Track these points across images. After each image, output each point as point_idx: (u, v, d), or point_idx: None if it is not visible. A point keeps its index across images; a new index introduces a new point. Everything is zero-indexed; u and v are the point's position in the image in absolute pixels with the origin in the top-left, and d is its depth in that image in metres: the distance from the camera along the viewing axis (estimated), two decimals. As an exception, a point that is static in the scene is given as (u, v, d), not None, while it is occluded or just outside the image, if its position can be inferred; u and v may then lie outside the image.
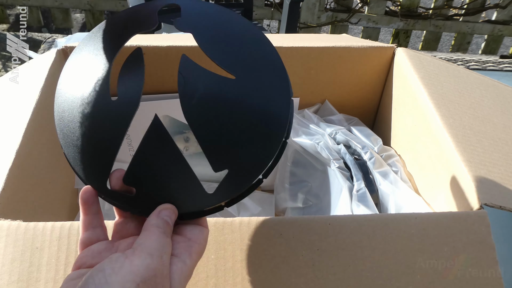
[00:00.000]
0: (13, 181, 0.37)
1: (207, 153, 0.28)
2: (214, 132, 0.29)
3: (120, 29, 0.32)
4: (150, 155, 0.29)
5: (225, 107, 0.29)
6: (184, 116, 0.29)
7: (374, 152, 0.51)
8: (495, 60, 1.02)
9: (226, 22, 0.33)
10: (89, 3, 2.06)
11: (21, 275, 0.29)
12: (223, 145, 0.28)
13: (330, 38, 0.71)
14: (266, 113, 0.29)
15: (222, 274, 0.30)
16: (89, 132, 0.29)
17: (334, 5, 2.12)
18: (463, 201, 0.36)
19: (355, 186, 0.47)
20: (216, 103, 0.29)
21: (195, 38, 0.31)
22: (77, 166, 0.29)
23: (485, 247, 0.31)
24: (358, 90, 0.61)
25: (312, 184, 0.59)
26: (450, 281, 0.30)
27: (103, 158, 0.29)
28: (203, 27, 0.32)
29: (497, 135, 0.43)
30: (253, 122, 0.29)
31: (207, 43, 0.31)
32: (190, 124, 0.29)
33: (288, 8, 1.42)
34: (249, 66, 0.31)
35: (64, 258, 0.29)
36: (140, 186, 0.28)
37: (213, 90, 0.29)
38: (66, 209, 0.50)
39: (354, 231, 0.32)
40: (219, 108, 0.29)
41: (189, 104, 0.29)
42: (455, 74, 0.52)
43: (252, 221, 0.32)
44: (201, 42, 0.31)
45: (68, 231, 0.30)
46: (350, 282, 0.30)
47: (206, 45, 0.31)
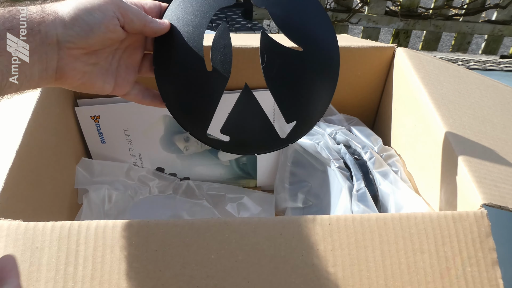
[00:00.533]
0: (13, 181, 0.37)
1: (283, 110, 0.39)
2: (287, 94, 0.38)
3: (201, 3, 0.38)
4: (240, 112, 0.39)
5: (294, 75, 0.38)
6: (266, 84, 0.37)
7: (374, 152, 0.51)
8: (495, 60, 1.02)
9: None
10: (89, 3, 2.06)
11: (21, 275, 0.29)
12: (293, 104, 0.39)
13: (330, 38, 0.71)
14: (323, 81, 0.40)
15: (222, 274, 0.30)
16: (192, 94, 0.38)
17: (334, 5, 2.12)
18: (463, 201, 0.36)
19: (355, 186, 0.47)
20: (288, 73, 0.38)
21: (270, 13, 0.38)
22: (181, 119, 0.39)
23: (485, 247, 0.31)
24: (358, 90, 0.61)
25: (312, 184, 0.59)
26: (450, 281, 0.30)
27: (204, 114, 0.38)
28: (274, 3, 0.39)
29: (497, 135, 0.43)
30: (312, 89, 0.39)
31: (279, 19, 0.38)
32: (271, 90, 0.37)
33: (288, 8, 1.42)
34: (311, 38, 0.39)
35: (64, 258, 0.30)
36: (233, 135, 0.39)
37: (286, 61, 0.38)
38: (66, 209, 0.50)
39: (354, 231, 0.32)
40: (290, 76, 0.38)
41: (269, 75, 0.37)
42: (455, 74, 0.52)
43: (252, 221, 0.32)
44: (275, 17, 0.38)
45: (68, 231, 0.30)
46: (350, 282, 0.30)
47: (278, 20, 0.38)
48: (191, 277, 0.30)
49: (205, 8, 0.38)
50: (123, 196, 0.54)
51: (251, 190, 0.59)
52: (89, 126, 0.54)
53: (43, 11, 0.29)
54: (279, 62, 0.38)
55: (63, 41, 0.29)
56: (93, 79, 0.33)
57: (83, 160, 0.54)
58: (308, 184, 0.59)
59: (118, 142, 0.56)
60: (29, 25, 0.27)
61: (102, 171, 0.55)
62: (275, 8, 0.38)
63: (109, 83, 0.35)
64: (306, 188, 0.59)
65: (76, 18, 0.30)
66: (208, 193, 0.58)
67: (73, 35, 0.30)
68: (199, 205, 0.56)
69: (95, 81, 0.34)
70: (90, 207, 0.51)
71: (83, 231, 0.30)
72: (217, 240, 0.31)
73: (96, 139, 0.55)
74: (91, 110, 0.53)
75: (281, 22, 0.38)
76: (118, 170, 0.56)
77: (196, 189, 0.58)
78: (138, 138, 0.56)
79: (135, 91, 0.38)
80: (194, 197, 0.57)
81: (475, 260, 0.31)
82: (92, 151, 0.57)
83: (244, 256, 0.30)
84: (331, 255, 0.31)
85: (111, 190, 0.54)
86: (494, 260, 0.31)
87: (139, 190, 0.56)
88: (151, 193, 0.57)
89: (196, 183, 0.58)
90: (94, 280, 0.29)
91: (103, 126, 0.54)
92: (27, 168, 0.40)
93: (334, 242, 0.31)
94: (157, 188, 0.57)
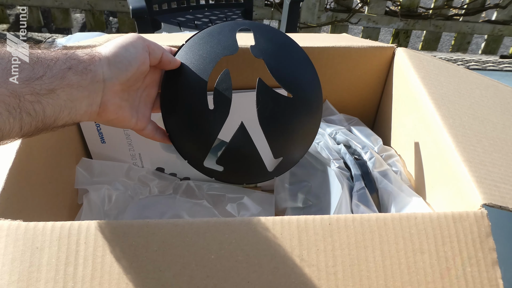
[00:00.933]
0: (13, 181, 0.37)
1: (271, 147, 0.43)
2: (276, 134, 0.43)
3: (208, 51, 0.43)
4: (235, 147, 0.43)
5: (283, 117, 0.43)
6: (259, 124, 0.42)
7: (374, 152, 0.51)
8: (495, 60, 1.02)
9: (285, 47, 0.45)
10: (89, 3, 2.06)
11: (21, 275, 0.29)
12: (281, 143, 0.44)
13: (330, 38, 0.71)
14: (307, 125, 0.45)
15: (222, 274, 0.30)
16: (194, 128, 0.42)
17: (334, 5, 2.12)
18: (463, 201, 0.36)
19: (355, 186, 0.47)
20: (279, 115, 0.43)
21: (266, 64, 0.43)
22: (181, 150, 0.43)
23: (485, 247, 0.31)
24: (358, 90, 0.61)
25: (312, 184, 0.59)
26: (450, 281, 0.30)
27: (203, 147, 0.42)
28: (270, 54, 0.44)
29: (497, 135, 0.43)
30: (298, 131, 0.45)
31: (274, 69, 0.43)
32: (263, 129, 0.42)
33: (288, 8, 1.42)
34: (300, 86, 0.44)
35: (64, 258, 0.29)
36: (227, 166, 0.44)
37: (277, 105, 0.42)
38: (66, 209, 0.50)
39: (354, 231, 0.32)
40: (280, 118, 0.43)
41: (262, 115, 0.42)
42: (455, 74, 0.52)
43: (252, 221, 0.32)
44: (270, 67, 0.43)
45: (68, 231, 0.30)
46: (350, 282, 0.30)
47: (273, 70, 0.43)
48: (191, 277, 0.30)
49: (212, 55, 0.42)
50: (123, 196, 0.54)
51: (251, 190, 0.59)
52: (89, 126, 0.54)
53: (92, 53, 0.33)
54: (271, 105, 0.42)
55: (107, 78, 0.34)
56: (125, 113, 0.38)
57: (83, 160, 0.54)
58: (308, 184, 0.59)
59: (118, 142, 0.56)
60: (83, 65, 0.32)
61: (102, 171, 0.55)
62: (271, 59, 0.43)
63: (134, 117, 0.39)
64: (306, 188, 0.59)
65: (117, 55, 0.34)
66: (208, 193, 0.58)
67: (116, 71, 0.34)
68: (199, 205, 0.56)
69: (126, 116, 0.38)
70: (90, 207, 0.51)
71: (83, 231, 0.30)
72: (217, 240, 0.31)
73: (96, 139, 0.55)
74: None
75: (275, 72, 0.43)
76: (118, 170, 0.56)
77: (196, 189, 0.58)
78: (138, 138, 0.56)
79: (150, 127, 0.42)
80: (194, 197, 0.57)
81: (475, 260, 0.31)
82: (92, 151, 0.57)
83: (244, 256, 0.30)
84: (331, 255, 0.31)
85: (111, 190, 0.54)
86: (494, 260, 0.31)
87: (139, 190, 0.56)
88: (151, 193, 0.57)
89: (196, 183, 0.58)
90: (94, 280, 0.29)
91: (103, 126, 0.54)
92: (27, 168, 0.40)
93: (334, 242, 0.31)
94: (157, 188, 0.57)
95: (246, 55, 0.51)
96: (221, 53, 0.42)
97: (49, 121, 0.30)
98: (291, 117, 0.43)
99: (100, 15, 2.13)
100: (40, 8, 2.10)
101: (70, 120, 0.32)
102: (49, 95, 0.29)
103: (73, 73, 0.31)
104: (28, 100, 0.28)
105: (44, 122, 0.29)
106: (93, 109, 0.34)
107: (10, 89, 0.27)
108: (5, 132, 0.27)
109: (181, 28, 1.50)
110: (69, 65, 0.31)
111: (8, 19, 2.20)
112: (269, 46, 0.44)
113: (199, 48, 0.43)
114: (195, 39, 0.44)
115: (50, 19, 2.20)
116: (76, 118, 0.32)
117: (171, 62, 0.40)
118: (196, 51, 0.43)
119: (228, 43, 0.43)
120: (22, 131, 0.28)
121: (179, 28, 1.50)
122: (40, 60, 0.29)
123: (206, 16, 1.62)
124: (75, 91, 0.31)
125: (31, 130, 0.29)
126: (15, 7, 2.31)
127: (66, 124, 0.32)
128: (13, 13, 2.30)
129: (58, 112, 0.30)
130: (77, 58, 0.32)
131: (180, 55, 0.43)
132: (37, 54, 0.29)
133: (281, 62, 0.44)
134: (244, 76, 0.53)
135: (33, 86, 0.28)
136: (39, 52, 0.30)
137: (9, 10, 2.28)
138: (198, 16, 1.61)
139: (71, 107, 0.31)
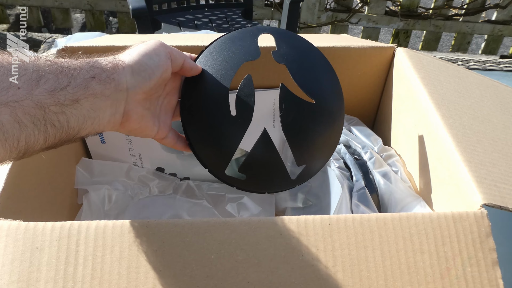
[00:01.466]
0: (13, 181, 0.37)
1: (295, 154, 0.42)
2: (299, 140, 0.42)
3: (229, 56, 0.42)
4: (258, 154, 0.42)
5: (306, 123, 0.42)
6: (283, 133, 0.41)
7: (374, 152, 0.51)
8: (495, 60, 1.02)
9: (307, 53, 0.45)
10: (89, 3, 2.06)
11: (21, 275, 0.29)
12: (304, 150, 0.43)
13: (330, 38, 0.71)
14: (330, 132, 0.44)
15: (222, 274, 0.30)
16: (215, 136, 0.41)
17: (334, 5, 2.12)
18: (463, 201, 0.36)
19: (355, 186, 0.47)
20: (302, 121, 0.42)
21: (288, 70, 0.42)
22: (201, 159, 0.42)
23: (485, 248, 0.31)
24: (358, 90, 0.61)
25: (312, 184, 0.59)
26: (450, 281, 0.30)
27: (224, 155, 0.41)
28: (292, 60, 0.43)
29: (497, 135, 0.43)
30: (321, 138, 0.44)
31: (296, 74, 0.42)
32: (286, 136, 0.41)
33: (288, 8, 1.42)
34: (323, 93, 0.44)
35: (64, 258, 0.29)
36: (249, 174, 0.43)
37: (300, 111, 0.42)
38: (66, 209, 0.50)
39: (354, 231, 0.32)
40: (303, 125, 0.42)
41: (285, 122, 0.41)
42: (455, 74, 0.52)
43: (252, 221, 0.32)
44: (293, 73, 0.42)
45: (68, 231, 0.30)
46: (350, 282, 0.30)
47: (296, 76, 0.42)
48: (191, 277, 0.29)
49: (233, 60, 0.42)
50: (123, 196, 0.54)
51: (251, 190, 0.59)
52: (89, 126, 0.54)
53: (115, 61, 0.33)
54: (294, 112, 0.42)
55: (131, 87, 0.33)
56: (147, 123, 0.37)
57: (83, 160, 0.54)
58: (308, 184, 0.59)
59: (118, 142, 0.56)
60: (106, 73, 0.31)
61: (102, 171, 0.55)
62: (293, 64, 0.43)
63: (156, 126, 0.38)
64: (306, 188, 0.59)
65: (141, 63, 0.34)
66: (208, 193, 0.58)
67: (139, 80, 0.34)
68: (199, 205, 0.56)
69: (149, 125, 0.37)
70: (90, 207, 0.51)
71: (83, 231, 0.30)
72: (217, 240, 0.31)
73: (96, 139, 0.55)
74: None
75: (298, 77, 0.42)
76: (118, 170, 0.56)
77: (196, 189, 0.58)
78: (138, 138, 0.56)
79: (171, 135, 0.41)
80: (194, 197, 0.57)
81: (475, 260, 0.31)
82: (92, 151, 0.57)
83: (244, 256, 0.30)
84: (331, 255, 0.31)
85: (111, 190, 0.53)
86: (494, 260, 0.31)
87: (139, 190, 0.56)
88: (151, 193, 0.57)
89: (196, 183, 0.58)
90: (94, 280, 0.29)
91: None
92: (27, 168, 0.40)
93: (334, 242, 0.31)
94: (157, 188, 0.57)
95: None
96: (243, 59, 0.42)
97: (72, 132, 0.29)
98: (314, 124, 0.43)
99: (100, 15, 2.13)
100: (40, 8, 2.10)
101: (93, 130, 0.31)
102: (73, 105, 0.29)
103: (97, 82, 0.30)
104: (53, 111, 0.27)
105: (68, 133, 0.29)
106: (116, 119, 0.33)
107: (36, 101, 0.26)
108: (30, 145, 0.27)
109: (181, 28, 1.50)
110: (93, 74, 0.30)
111: (8, 19, 2.20)
112: (291, 51, 0.44)
113: (220, 53, 0.42)
114: (215, 45, 0.43)
115: (50, 19, 2.20)
116: (99, 128, 0.32)
117: (192, 68, 0.40)
118: (217, 56, 0.42)
119: (250, 48, 0.42)
120: (47, 143, 0.28)
121: (179, 28, 1.50)
122: (64, 70, 0.29)
123: (206, 16, 1.62)
124: (98, 100, 0.30)
125: (55, 142, 0.29)
126: (15, 7, 2.31)
127: (89, 134, 0.32)
128: (13, 13, 2.30)
129: (82, 123, 0.30)
130: (100, 66, 0.31)
131: (200, 61, 0.42)
132: (61, 63, 0.29)
133: (304, 68, 0.43)
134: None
135: (58, 97, 0.28)
136: (62, 61, 0.30)
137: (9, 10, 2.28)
138: (198, 16, 1.61)
139: (94, 117, 0.31)
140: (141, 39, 0.56)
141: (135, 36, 0.62)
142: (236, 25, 1.58)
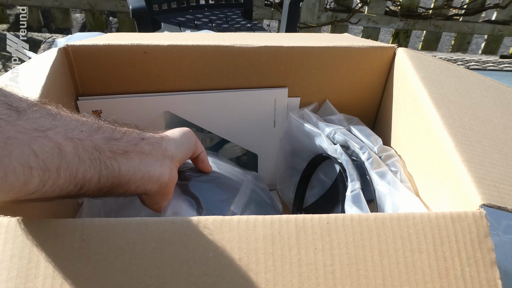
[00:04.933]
0: (12, 179, 0.36)
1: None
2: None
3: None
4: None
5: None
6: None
7: (372, 152, 0.51)
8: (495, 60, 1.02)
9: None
10: (89, 3, 2.06)
11: (19, 271, 0.29)
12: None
13: (331, 37, 0.71)
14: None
15: (220, 272, 0.30)
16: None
17: (334, 5, 2.13)
18: (462, 201, 0.36)
19: (349, 187, 0.47)
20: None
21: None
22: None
23: (484, 248, 0.31)
24: (359, 90, 0.61)
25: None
26: (449, 281, 0.30)
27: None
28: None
29: (497, 135, 0.43)
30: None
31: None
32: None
33: (288, 8, 1.42)
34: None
35: (63, 255, 0.29)
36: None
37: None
38: (67, 208, 0.50)
39: (352, 230, 0.32)
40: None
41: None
42: (455, 75, 0.52)
43: (250, 219, 0.32)
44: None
45: (68, 228, 0.30)
46: (348, 281, 0.30)
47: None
48: (189, 274, 0.30)
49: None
50: (123, 195, 0.54)
51: (250, 190, 0.59)
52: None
53: (161, 133, 0.39)
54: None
55: (174, 156, 0.38)
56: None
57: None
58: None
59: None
60: (154, 139, 0.36)
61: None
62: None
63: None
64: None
65: (182, 140, 0.40)
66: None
67: (180, 152, 0.39)
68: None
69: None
70: (90, 206, 0.51)
71: (83, 228, 0.30)
72: (215, 238, 0.31)
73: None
74: (93, 104, 0.54)
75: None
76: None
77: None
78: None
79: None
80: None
81: (473, 260, 0.31)
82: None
83: (242, 254, 0.30)
84: (329, 254, 0.31)
85: (110, 189, 0.53)
86: (492, 260, 0.31)
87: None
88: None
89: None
90: (92, 277, 0.29)
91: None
92: (26, 166, 0.40)
93: (332, 241, 0.31)
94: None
95: (246, 54, 0.51)
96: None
97: (123, 179, 0.33)
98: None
99: (100, 15, 2.13)
100: (40, 8, 2.10)
101: (142, 185, 0.35)
102: (124, 155, 0.33)
103: (146, 143, 0.35)
104: (107, 156, 0.31)
105: (120, 180, 0.32)
106: (164, 179, 0.37)
107: (94, 143, 0.30)
108: (86, 180, 0.30)
109: (181, 28, 1.51)
110: (142, 137, 0.35)
111: (8, 19, 2.20)
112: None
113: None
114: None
115: (50, 19, 2.20)
116: (148, 185, 0.35)
117: (204, 162, 0.44)
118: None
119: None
120: (100, 183, 0.31)
121: (179, 28, 1.50)
122: (117, 129, 0.34)
123: (206, 16, 1.62)
124: (146, 158, 0.35)
125: (107, 185, 0.32)
126: (15, 7, 2.31)
127: (139, 190, 0.35)
128: (13, 13, 2.30)
129: (132, 173, 0.33)
130: (148, 134, 0.36)
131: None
132: (114, 126, 0.34)
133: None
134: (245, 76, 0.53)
135: (111, 145, 0.32)
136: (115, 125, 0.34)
137: (9, 10, 2.28)
138: (198, 16, 1.61)
139: (144, 172, 0.34)
140: (142, 37, 0.56)
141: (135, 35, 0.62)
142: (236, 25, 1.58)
